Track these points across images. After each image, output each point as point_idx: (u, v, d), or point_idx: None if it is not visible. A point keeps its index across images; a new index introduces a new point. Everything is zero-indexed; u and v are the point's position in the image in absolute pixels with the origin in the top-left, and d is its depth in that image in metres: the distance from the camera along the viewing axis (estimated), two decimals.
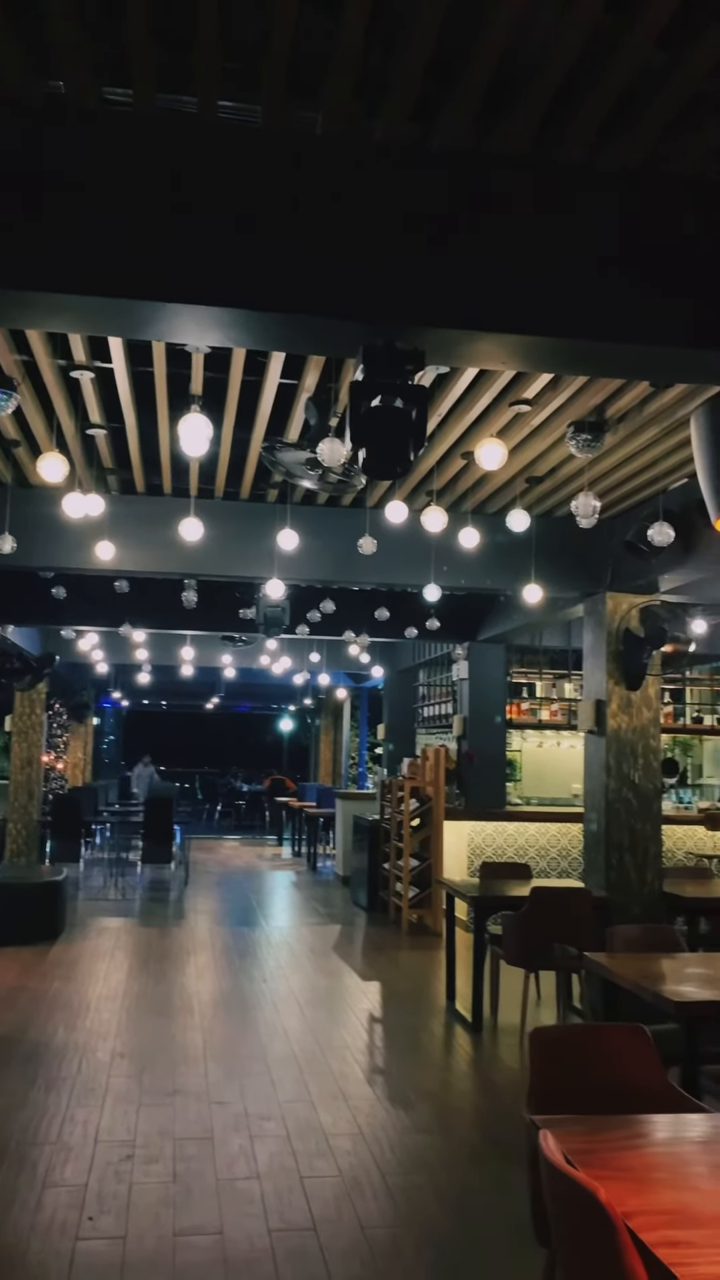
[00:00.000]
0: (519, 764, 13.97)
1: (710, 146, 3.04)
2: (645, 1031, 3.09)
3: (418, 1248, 3.65)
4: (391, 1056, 6.10)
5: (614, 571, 7.65)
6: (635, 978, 4.16)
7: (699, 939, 7.07)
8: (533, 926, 6.32)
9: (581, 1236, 2.02)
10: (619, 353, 3.13)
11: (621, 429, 5.59)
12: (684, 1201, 2.14)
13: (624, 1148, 2.42)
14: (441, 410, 5.46)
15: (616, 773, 7.63)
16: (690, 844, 10.55)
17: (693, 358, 3.07)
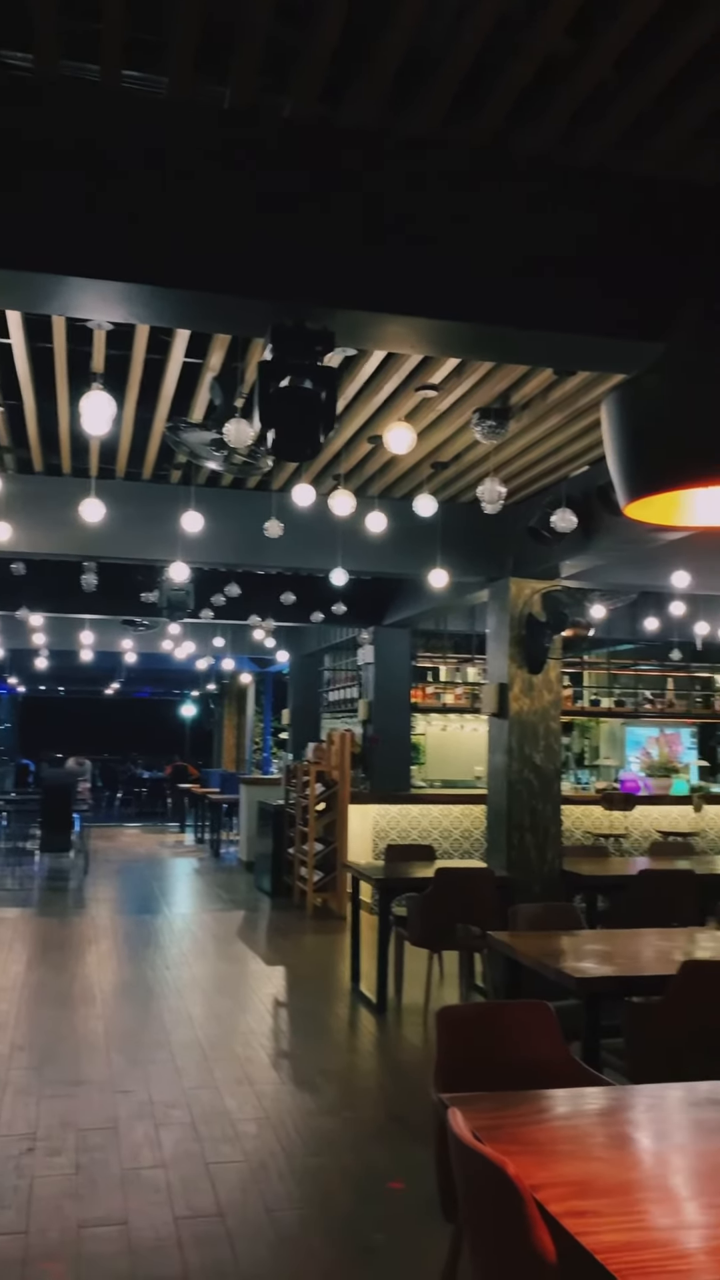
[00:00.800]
0: (423, 747, 14.11)
1: (614, 137, 3.08)
2: (549, 1008, 3.15)
3: (325, 1229, 3.67)
4: (297, 1040, 6.11)
5: (517, 557, 7.76)
6: (537, 955, 4.24)
7: (597, 916, 7.25)
8: (437, 907, 6.40)
9: (491, 1211, 2.05)
10: (525, 339, 3.16)
11: (525, 416, 5.67)
12: (588, 1172, 2.18)
13: (529, 1122, 2.46)
14: (348, 393, 5.44)
15: (519, 755, 7.77)
16: (588, 823, 10.82)
17: (598, 345, 3.12)
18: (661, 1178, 2.25)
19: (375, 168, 3.15)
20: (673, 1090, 2.75)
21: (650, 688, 14.08)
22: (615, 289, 3.10)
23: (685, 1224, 1.99)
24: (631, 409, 1.93)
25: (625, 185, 3.18)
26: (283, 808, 11.48)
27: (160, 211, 3.02)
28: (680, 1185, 2.21)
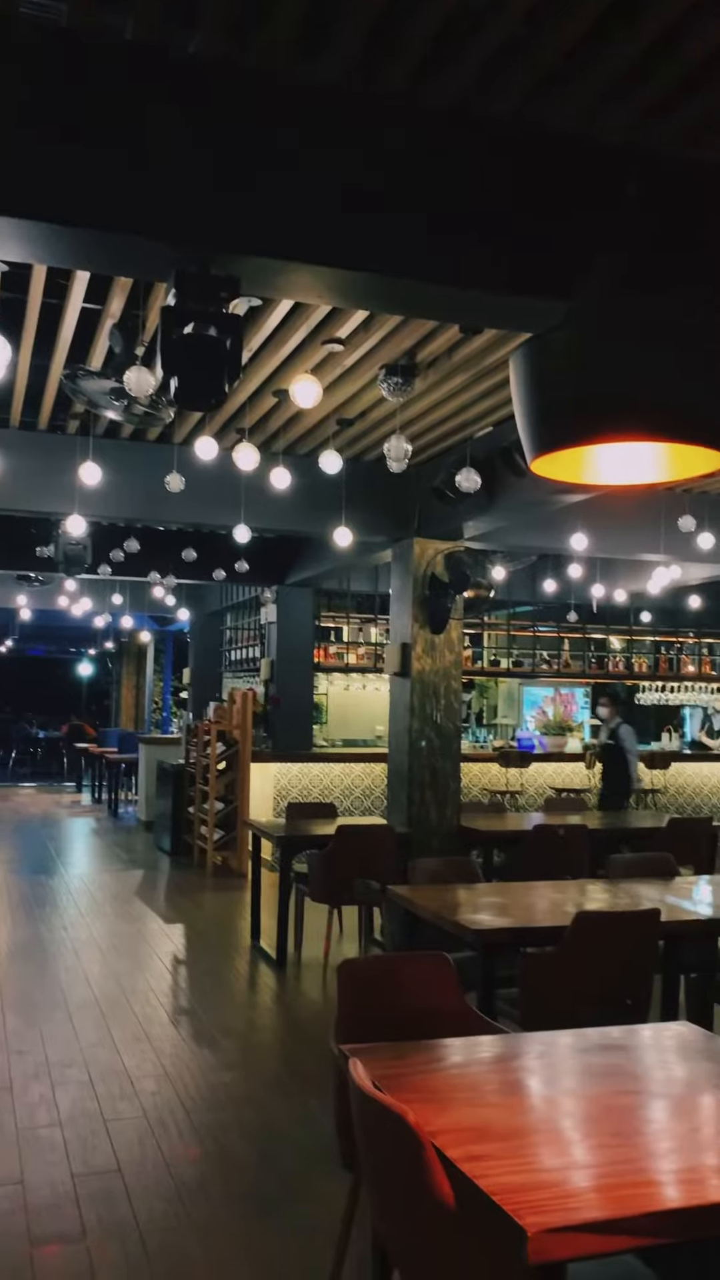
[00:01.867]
0: (326, 707, 14.15)
1: (523, 93, 3.05)
2: (447, 959, 3.20)
3: (224, 1182, 3.69)
4: (196, 997, 6.11)
5: (422, 517, 7.78)
6: (435, 908, 4.31)
7: (493, 870, 7.41)
8: (337, 863, 6.45)
9: (391, 1158, 2.08)
10: (432, 292, 3.13)
11: (431, 374, 5.65)
12: (482, 1117, 2.23)
13: (428, 1071, 2.50)
14: (253, 345, 5.35)
15: (420, 713, 7.84)
16: (485, 780, 11.03)
17: (505, 302, 3.10)
18: (554, 1121, 2.31)
19: (282, 114, 3.06)
20: (565, 1036, 2.82)
21: (547, 649, 14.35)
22: (524, 245, 3.08)
23: (576, 1164, 2.05)
24: (539, 364, 1.93)
25: (536, 141, 3.16)
26: (183, 767, 11.40)
27: (60, 147, 2.88)
28: (572, 1127, 2.27)
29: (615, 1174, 1.97)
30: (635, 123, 3.10)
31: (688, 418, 1.82)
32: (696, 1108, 2.35)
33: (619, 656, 14.62)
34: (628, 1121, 2.24)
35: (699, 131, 3.14)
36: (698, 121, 3.09)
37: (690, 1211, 1.82)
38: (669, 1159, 2.07)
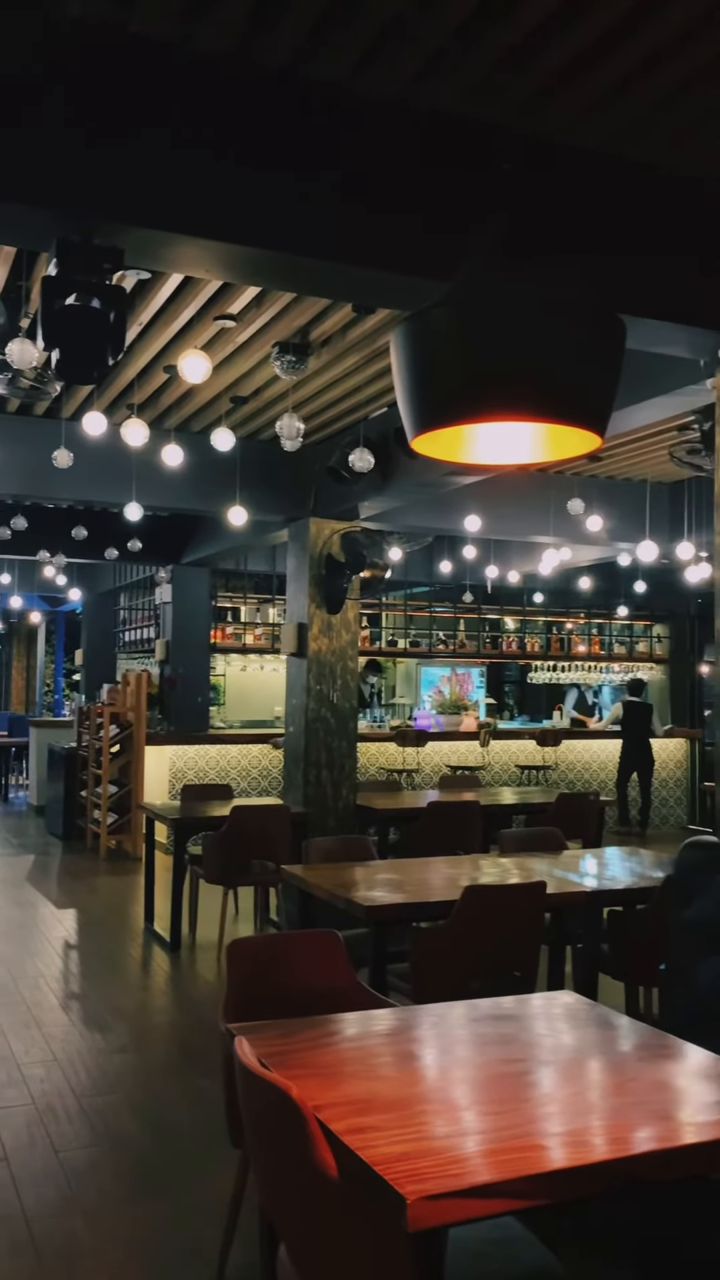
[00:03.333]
0: (223, 688, 14.05)
1: (415, 70, 3.04)
2: (337, 936, 3.22)
3: (114, 1165, 3.66)
4: (88, 981, 6.02)
5: (317, 497, 7.76)
6: (329, 887, 4.33)
7: (389, 848, 7.48)
8: (232, 844, 6.42)
9: (275, 1133, 2.09)
10: (318, 269, 3.10)
11: (325, 353, 5.63)
12: (370, 1090, 2.25)
13: (315, 1047, 2.51)
14: (143, 319, 5.24)
15: (316, 694, 7.85)
16: (383, 760, 11.11)
17: (390, 280, 3.09)
18: (441, 1090, 2.35)
19: (166, 82, 2.99)
20: (453, 1008, 2.87)
21: (444, 629, 14.52)
22: (407, 222, 3.08)
23: (461, 1131, 2.08)
24: (418, 343, 1.93)
25: (421, 119, 3.16)
26: (75, 750, 11.19)
27: None
28: (458, 1096, 2.31)
29: (497, 1139, 2.01)
30: (516, 103, 3.12)
31: (565, 398, 1.85)
32: (578, 1073, 2.41)
33: (513, 636, 14.88)
34: (512, 1088, 2.29)
35: (579, 115, 3.18)
36: (578, 105, 3.12)
37: (564, 1173, 1.87)
38: (550, 1123, 2.12)
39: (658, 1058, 2.47)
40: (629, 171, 3.41)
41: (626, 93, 3.06)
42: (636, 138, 3.29)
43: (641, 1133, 2.07)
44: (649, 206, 3.44)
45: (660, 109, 3.13)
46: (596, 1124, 2.13)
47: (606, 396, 1.91)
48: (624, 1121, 2.15)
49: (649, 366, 4.59)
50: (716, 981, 3.30)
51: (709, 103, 3.09)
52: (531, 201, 2.74)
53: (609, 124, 3.21)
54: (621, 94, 3.07)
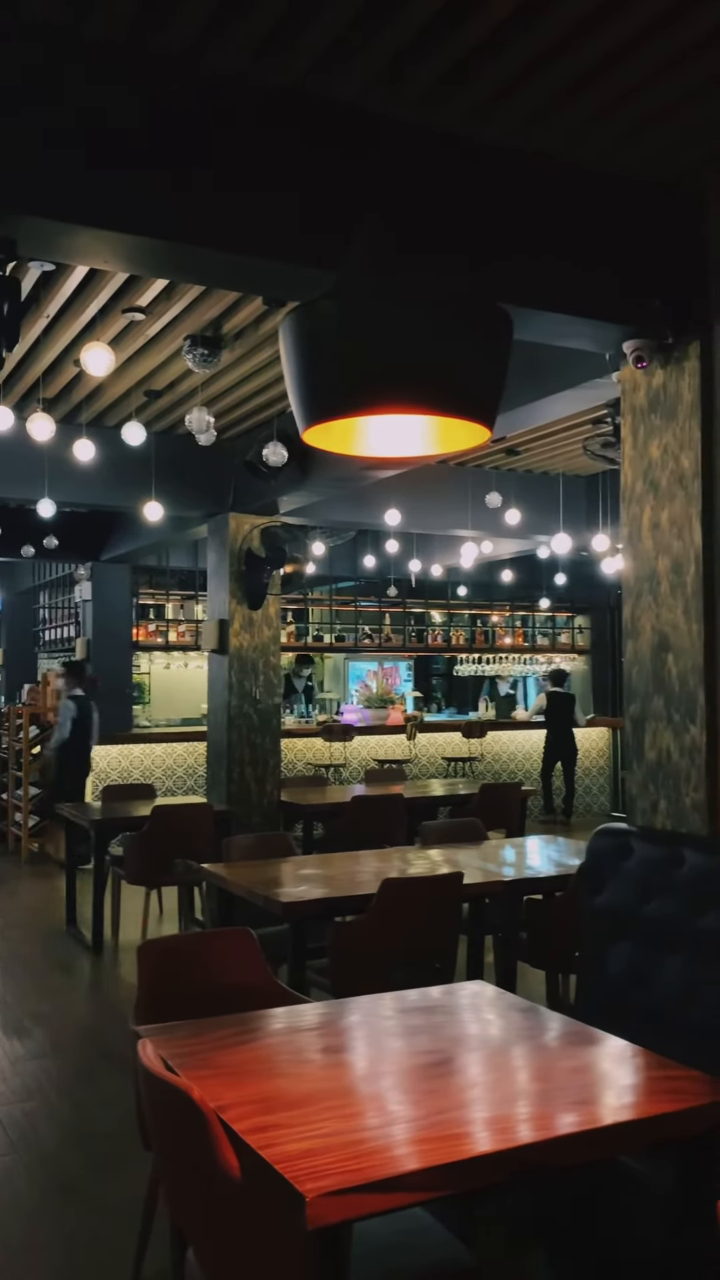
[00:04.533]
0: (147, 686, 13.90)
1: (309, 60, 3.01)
2: (250, 934, 3.20)
3: (29, 1172, 3.59)
4: (6, 986, 5.91)
5: (236, 492, 7.71)
6: (248, 884, 4.30)
7: (314, 843, 7.47)
8: (154, 844, 6.35)
9: (178, 1135, 2.06)
10: (212, 260, 3.06)
11: (238, 346, 5.58)
12: (276, 1089, 2.24)
13: (224, 1046, 2.49)
14: (50, 312, 5.14)
15: (239, 690, 7.80)
16: (310, 755, 11.10)
17: (285, 271, 3.06)
18: (349, 1085, 2.34)
19: (54, 68, 2.92)
20: (364, 1002, 2.87)
21: (369, 623, 14.55)
22: (298, 213, 3.05)
23: (366, 1126, 2.08)
24: (305, 334, 1.92)
25: (318, 108, 3.13)
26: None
27: None
28: (366, 1090, 2.31)
29: (402, 1132, 2.01)
30: (413, 96, 3.12)
31: (450, 390, 1.85)
32: (486, 1063, 2.42)
33: (438, 630, 14.97)
34: (420, 1080, 2.29)
35: (478, 108, 3.18)
36: (477, 98, 3.13)
37: (468, 1163, 1.88)
38: (456, 1114, 2.13)
39: (567, 1045, 2.50)
40: (527, 165, 3.43)
41: (527, 86, 3.07)
42: (536, 131, 3.30)
43: (546, 1120, 2.09)
44: (548, 201, 3.46)
45: (560, 103, 3.15)
46: (502, 1113, 2.14)
47: (493, 389, 1.92)
48: (529, 1109, 2.16)
49: (557, 360, 4.63)
50: (626, 968, 3.36)
51: (608, 97, 3.12)
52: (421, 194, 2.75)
53: (509, 117, 3.22)
54: (522, 88, 3.08)
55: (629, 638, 3.87)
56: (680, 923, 3.19)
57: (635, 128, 3.28)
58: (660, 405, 3.73)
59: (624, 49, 2.89)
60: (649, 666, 3.75)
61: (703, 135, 3.34)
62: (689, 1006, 3.10)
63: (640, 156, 3.46)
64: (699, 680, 3.53)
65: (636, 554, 3.84)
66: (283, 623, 13.20)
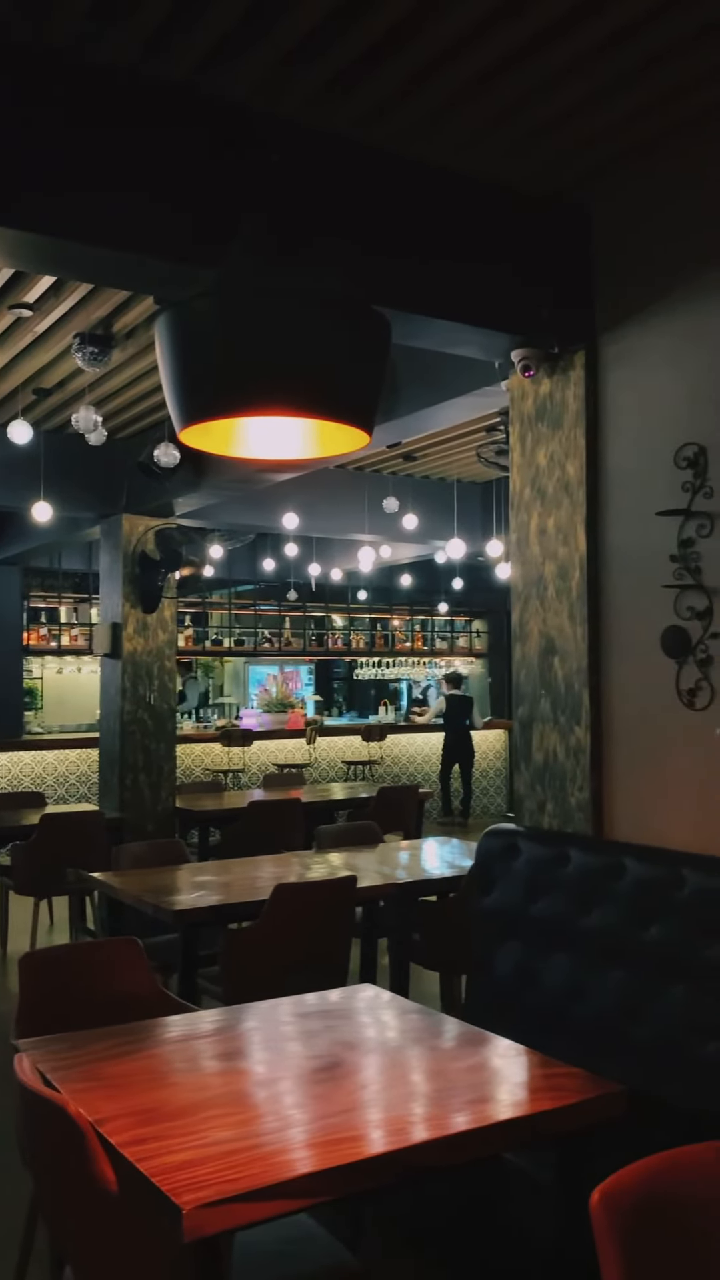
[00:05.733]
0: (40, 692, 13.58)
1: (198, 55, 2.97)
2: (137, 943, 3.14)
3: None
4: None
5: (130, 493, 7.59)
6: (137, 892, 4.23)
7: (210, 849, 7.40)
8: (43, 853, 6.20)
9: (54, 1151, 2.01)
10: (102, 257, 2.99)
11: (129, 345, 5.50)
12: (157, 1100, 2.20)
13: (106, 1058, 2.44)
14: None
15: (132, 695, 7.68)
16: (208, 760, 10.99)
17: (163, 268, 3.00)
18: (233, 1094, 2.31)
19: None
20: (254, 1008, 2.84)
21: (269, 627, 14.49)
22: (191, 212, 3.00)
23: (248, 1135, 2.05)
24: (181, 333, 1.89)
25: (204, 106, 3.09)
26: None
27: None
28: (250, 1098, 2.28)
29: (284, 1140, 2.00)
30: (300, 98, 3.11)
31: (327, 394, 1.85)
32: (372, 1067, 2.42)
33: (339, 633, 15.01)
34: (305, 1086, 2.28)
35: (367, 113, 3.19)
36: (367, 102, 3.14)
37: (348, 1168, 1.88)
38: (340, 1119, 2.12)
39: (454, 1046, 2.52)
40: (415, 172, 3.45)
41: (415, 94, 3.09)
42: (425, 139, 3.33)
43: (430, 1121, 2.11)
44: (437, 208, 3.49)
45: (448, 112, 3.18)
46: (387, 1116, 2.15)
47: (370, 393, 1.93)
48: (414, 1111, 2.17)
49: (451, 367, 4.69)
50: (515, 967, 3.40)
51: (497, 108, 3.16)
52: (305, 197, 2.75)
53: (397, 124, 3.24)
54: (410, 95, 3.10)
55: (517, 641, 3.93)
56: (566, 921, 3.25)
57: (524, 139, 3.34)
58: (547, 414, 3.80)
59: (513, 60, 2.93)
60: (536, 669, 3.82)
61: (589, 149, 3.42)
62: (575, 1004, 3.16)
63: (528, 167, 3.52)
64: (583, 682, 3.60)
65: (524, 559, 3.90)
66: (180, 626, 13.07)
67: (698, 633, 3.26)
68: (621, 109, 3.19)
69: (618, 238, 3.63)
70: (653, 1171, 1.48)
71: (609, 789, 3.56)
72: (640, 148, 3.41)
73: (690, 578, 3.27)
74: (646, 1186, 1.44)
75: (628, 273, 3.57)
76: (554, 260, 3.70)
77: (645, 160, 3.47)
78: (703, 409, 3.28)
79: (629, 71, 2.99)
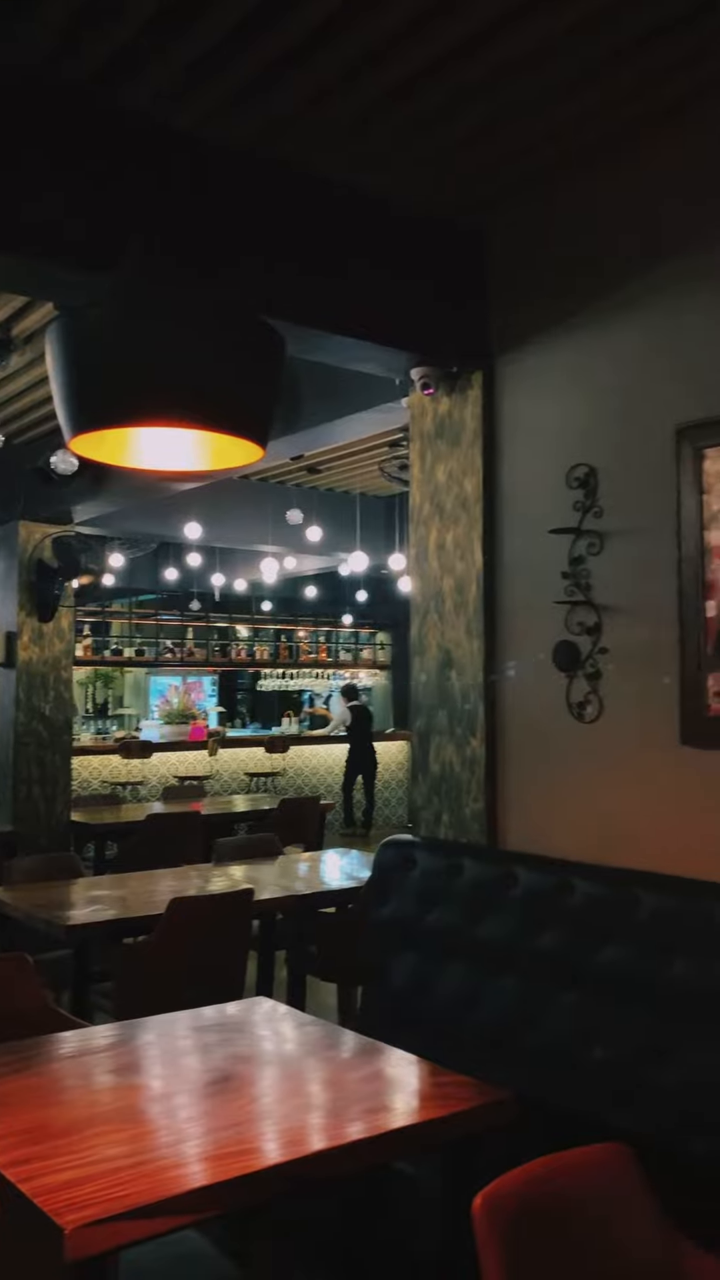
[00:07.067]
0: None
1: (97, 64, 2.95)
2: (26, 960, 3.08)
3: None
4: None
5: (26, 500, 7.43)
6: (29, 907, 4.14)
7: (107, 863, 7.28)
8: None
9: None
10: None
11: (29, 350, 5.40)
12: (45, 1117, 2.16)
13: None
14: None
15: (26, 706, 7.51)
16: (107, 772, 10.82)
17: (56, 274, 2.96)
18: (121, 1110, 2.27)
19: None
20: (148, 1024, 2.81)
21: (171, 637, 14.35)
22: (85, 219, 2.97)
23: (136, 1151, 2.02)
24: (72, 342, 1.88)
25: (101, 114, 3.06)
26: None
27: None
28: (139, 1114, 2.25)
29: (171, 1156, 1.98)
30: (201, 109, 3.11)
31: (218, 406, 1.85)
32: (263, 1081, 2.42)
33: (243, 645, 14.94)
34: (194, 1101, 2.26)
35: (266, 129, 3.21)
36: (265, 120, 3.15)
37: (235, 1182, 1.87)
38: (227, 1133, 2.10)
39: (345, 1058, 2.53)
40: (316, 188, 3.47)
41: (317, 111, 3.12)
42: (326, 156, 3.36)
43: (319, 1133, 2.11)
44: (338, 226, 3.53)
45: (352, 132, 3.21)
46: (277, 1129, 2.15)
47: (261, 406, 1.94)
48: (304, 1123, 2.18)
49: (355, 382, 4.73)
50: (410, 977, 3.43)
51: (400, 129, 3.20)
52: (201, 209, 2.74)
53: (299, 140, 3.26)
54: (312, 112, 3.12)
55: (416, 654, 3.98)
56: (460, 930, 3.29)
57: (426, 160, 3.39)
58: (446, 431, 3.86)
59: (416, 82, 2.97)
60: (434, 682, 3.87)
61: (488, 175, 3.49)
62: (469, 1012, 3.20)
63: (430, 188, 3.58)
64: (479, 695, 3.67)
65: (423, 574, 3.95)
66: (79, 636, 12.83)
67: (587, 647, 3.35)
68: (519, 138, 3.27)
69: (514, 262, 3.72)
70: (534, 1176, 1.51)
71: (503, 799, 3.62)
72: (536, 177, 3.50)
73: (581, 594, 3.36)
74: (528, 1191, 1.47)
75: (523, 297, 3.66)
76: (454, 281, 3.77)
77: (540, 189, 3.56)
78: (593, 431, 3.38)
79: (527, 102, 3.07)
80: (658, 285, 3.20)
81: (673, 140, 3.18)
